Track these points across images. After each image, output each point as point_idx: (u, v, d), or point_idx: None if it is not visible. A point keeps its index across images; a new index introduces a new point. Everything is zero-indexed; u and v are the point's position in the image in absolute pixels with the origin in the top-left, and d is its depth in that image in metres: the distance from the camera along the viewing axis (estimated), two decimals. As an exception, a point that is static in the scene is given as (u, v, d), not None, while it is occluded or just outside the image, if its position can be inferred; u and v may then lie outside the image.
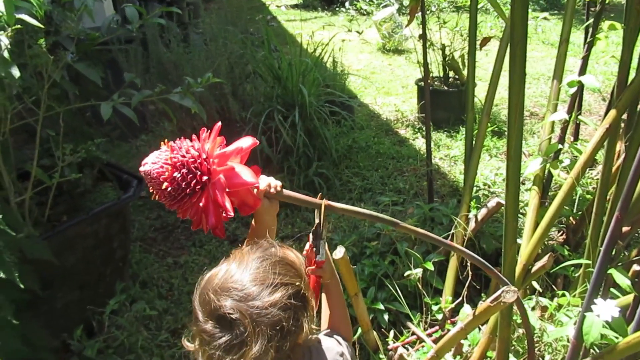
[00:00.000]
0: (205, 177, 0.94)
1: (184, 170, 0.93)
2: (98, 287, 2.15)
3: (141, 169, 0.94)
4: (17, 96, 1.82)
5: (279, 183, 1.08)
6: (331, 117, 3.25)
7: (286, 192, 1.10)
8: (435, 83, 3.97)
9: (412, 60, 5.49)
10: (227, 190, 0.96)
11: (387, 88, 4.86)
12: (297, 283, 0.93)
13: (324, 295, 1.26)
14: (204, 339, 0.89)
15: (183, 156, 0.94)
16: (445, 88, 3.91)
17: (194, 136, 0.99)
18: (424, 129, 3.80)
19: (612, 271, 1.38)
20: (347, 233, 2.58)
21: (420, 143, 3.75)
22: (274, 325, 0.87)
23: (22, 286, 1.50)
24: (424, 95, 2.60)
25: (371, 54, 5.92)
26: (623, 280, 1.38)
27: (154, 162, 0.94)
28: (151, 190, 0.96)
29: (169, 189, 0.93)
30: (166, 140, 0.97)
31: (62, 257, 1.94)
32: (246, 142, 1.01)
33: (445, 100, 3.86)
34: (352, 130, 3.73)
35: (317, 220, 1.15)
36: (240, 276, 0.90)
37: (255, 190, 1.04)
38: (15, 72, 1.53)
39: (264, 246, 0.97)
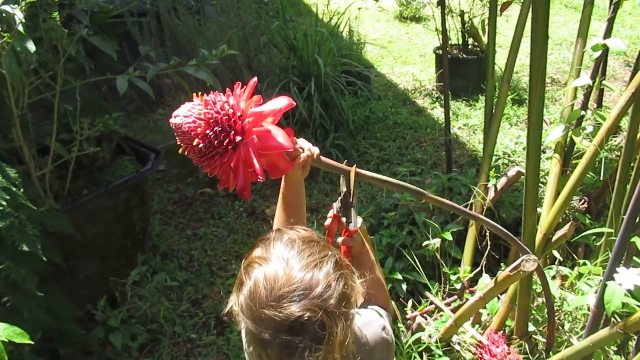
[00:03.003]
0: (238, 137, 0.89)
1: (217, 128, 0.88)
2: (119, 259, 2.19)
3: (172, 120, 0.89)
4: (33, 71, 1.83)
5: (316, 150, 1.03)
6: (348, 87, 3.21)
7: (322, 158, 1.05)
8: (454, 51, 3.88)
9: (430, 27, 5.37)
10: (259, 152, 0.92)
11: (404, 57, 4.77)
12: (329, 252, 0.88)
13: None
14: (283, 353, 0.81)
15: (217, 112, 0.88)
16: (464, 56, 3.82)
17: (228, 91, 0.93)
18: (442, 98, 3.74)
19: (636, 239, 1.36)
20: (365, 204, 2.57)
21: (438, 112, 3.70)
22: (339, 301, 0.82)
23: (44, 259, 1.53)
24: (442, 63, 2.55)
25: (388, 23, 5.80)
26: (647, 249, 1.36)
27: (186, 115, 0.88)
28: (179, 144, 0.92)
29: (200, 145, 0.88)
30: (200, 93, 0.92)
31: (83, 229, 1.97)
32: (282, 102, 0.95)
33: (464, 69, 3.78)
34: (369, 101, 3.68)
35: (343, 189, 1.12)
36: (285, 275, 0.82)
37: (303, 157, 0.99)
38: (31, 47, 1.53)
39: (276, 237, 0.90)
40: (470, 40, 3.86)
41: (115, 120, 2.12)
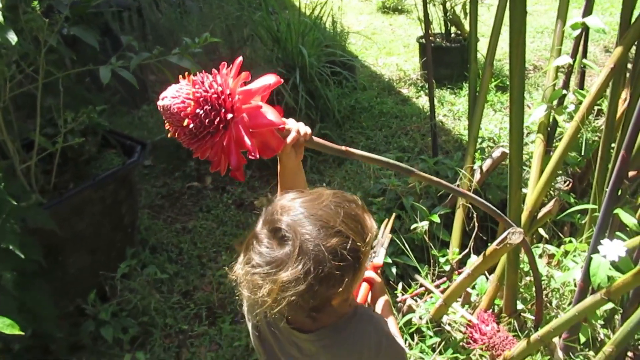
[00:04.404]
0: (229, 115, 0.88)
1: (207, 107, 0.86)
2: (109, 253, 2.18)
3: (160, 103, 0.87)
4: (15, 64, 1.81)
5: (308, 130, 1.02)
6: (333, 77, 3.21)
7: (314, 138, 1.05)
8: (437, 40, 3.90)
9: (413, 17, 5.39)
10: (251, 130, 0.91)
11: (388, 48, 4.78)
12: (358, 243, 0.87)
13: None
14: (252, 243, 0.88)
15: (206, 91, 0.87)
16: (448, 44, 3.84)
17: (214, 70, 0.91)
18: (426, 86, 3.76)
19: (619, 211, 1.38)
20: (353, 191, 2.58)
21: (423, 101, 3.72)
22: (317, 262, 0.83)
23: (22, 256, 1.51)
24: (425, 52, 2.56)
25: (371, 15, 5.81)
26: (630, 220, 1.38)
27: (174, 96, 0.87)
28: (168, 128, 0.90)
29: (191, 125, 0.86)
30: (187, 73, 0.90)
31: (71, 223, 1.96)
32: (269, 79, 0.94)
33: (447, 57, 3.80)
34: (355, 91, 3.69)
35: (380, 237, 1.24)
36: (311, 208, 0.87)
37: (291, 136, 0.99)
38: (13, 37, 1.51)
39: (347, 197, 0.94)
40: (453, 29, 3.88)
41: (100, 114, 2.10)
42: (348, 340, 0.97)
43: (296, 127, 1.00)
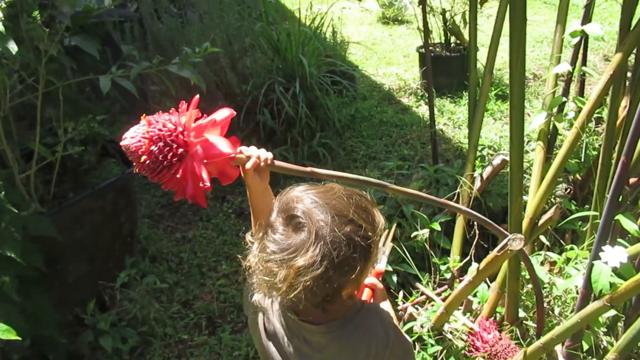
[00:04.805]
0: (181, 150, 0.97)
1: (161, 144, 0.96)
2: (108, 262, 2.17)
3: (121, 143, 0.97)
4: (16, 73, 1.81)
5: (269, 155, 1.08)
6: (333, 87, 3.22)
7: (276, 162, 1.11)
8: (437, 49, 3.91)
9: (412, 28, 5.42)
10: (205, 161, 0.99)
11: (388, 58, 4.81)
12: (369, 233, 0.91)
13: None
14: (267, 232, 0.92)
15: (160, 130, 0.96)
16: (447, 54, 3.86)
17: (172, 109, 1.01)
18: (426, 95, 3.77)
19: (620, 217, 1.38)
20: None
21: (423, 110, 3.72)
22: (334, 246, 0.86)
23: (24, 263, 1.51)
24: (425, 61, 2.57)
25: (371, 25, 5.84)
26: (631, 226, 1.37)
27: (133, 136, 0.96)
28: (133, 164, 1.00)
29: (148, 162, 0.96)
30: (144, 115, 0.99)
31: (71, 232, 1.95)
32: (222, 113, 1.03)
33: (447, 66, 3.82)
34: (355, 100, 3.71)
35: (381, 245, 1.28)
36: (324, 198, 0.91)
37: (251, 161, 1.06)
38: (13, 47, 1.52)
39: (357, 192, 0.97)
40: (453, 39, 3.90)
41: (100, 123, 2.11)
42: (356, 332, 0.99)
43: (257, 154, 1.07)
